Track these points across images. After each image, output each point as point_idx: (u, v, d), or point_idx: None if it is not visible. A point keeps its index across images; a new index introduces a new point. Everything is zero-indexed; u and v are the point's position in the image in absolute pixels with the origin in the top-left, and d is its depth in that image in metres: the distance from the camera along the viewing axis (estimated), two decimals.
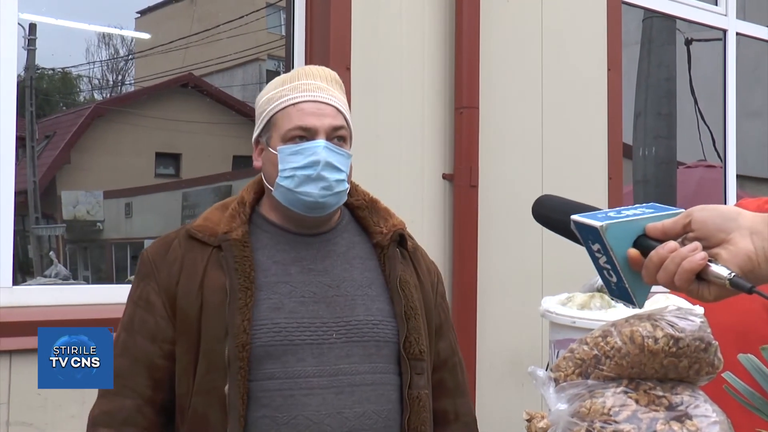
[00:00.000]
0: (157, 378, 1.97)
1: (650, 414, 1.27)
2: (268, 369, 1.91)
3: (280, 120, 2.01)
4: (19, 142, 3.11)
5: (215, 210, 2.07)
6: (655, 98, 7.42)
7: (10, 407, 3.02)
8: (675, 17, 6.15)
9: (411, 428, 1.99)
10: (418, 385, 2.02)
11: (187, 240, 2.02)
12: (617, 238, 1.25)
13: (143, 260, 2.05)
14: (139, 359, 1.97)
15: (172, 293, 1.97)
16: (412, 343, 2.02)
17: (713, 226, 1.23)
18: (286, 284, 1.98)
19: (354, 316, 1.99)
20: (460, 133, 4.16)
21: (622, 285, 1.27)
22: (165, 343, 1.97)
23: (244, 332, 1.88)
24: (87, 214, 13.78)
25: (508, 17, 4.44)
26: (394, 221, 2.15)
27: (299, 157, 1.97)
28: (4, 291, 3.19)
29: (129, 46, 15.72)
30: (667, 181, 7.48)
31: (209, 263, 1.97)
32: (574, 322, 1.94)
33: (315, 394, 1.91)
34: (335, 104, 2.04)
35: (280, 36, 12.75)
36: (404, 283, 2.06)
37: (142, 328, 1.98)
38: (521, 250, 4.39)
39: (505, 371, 4.32)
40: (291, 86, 2.03)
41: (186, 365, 1.94)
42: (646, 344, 1.30)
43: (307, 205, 1.98)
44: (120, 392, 1.95)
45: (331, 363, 1.94)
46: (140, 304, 2.00)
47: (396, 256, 2.10)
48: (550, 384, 1.35)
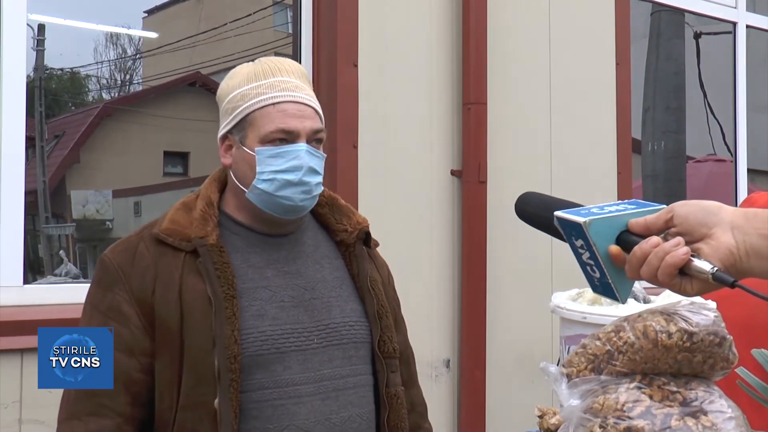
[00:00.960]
0: (135, 393, 1.86)
1: (664, 409, 1.26)
2: (257, 379, 1.85)
3: (259, 120, 1.92)
4: (29, 142, 3.11)
5: (179, 211, 1.96)
6: (663, 92, 7.39)
7: (22, 405, 3.02)
8: (684, 10, 6.12)
9: (391, 426, 1.99)
10: (395, 383, 2.02)
11: (155, 245, 1.91)
12: (600, 234, 1.26)
13: (106, 267, 1.92)
14: (117, 375, 1.82)
15: (148, 303, 1.86)
16: (386, 342, 2.01)
17: (695, 221, 1.24)
18: (265, 289, 1.92)
19: (331, 319, 1.96)
20: (468, 129, 4.15)
21: (606, 281, 1.28)
22: (143, 356, 1.86)
23: (235, 343, 1.81)
24: (96, 213, 13.82)
25: (515, 12, 4.43)
26: (358, 218, 2.12)
27: (280, 160, 1.90)
28: (15, 290, 3.19)
29: (137, 46, 15.74)
30: (677, 175, 7.46)
31: (185, 270, 1.87)
32: (584, 318, 1.94)
33: (303, 402, 1.87)
34: (314, 105, 1.98)
35: (287, 34, 12.76)
36: (373, 282, 2.05)
37: (117, 341, 1.83)
38: (530, 245, 4.37)
39: (515, 367, 4.31)
40: (267, 83, 1.94)
41: (169, 379, 1.85)
42: (660, 339, 1.29)
43: (286, 208, 1.93)
44: (96, 412, 1.84)
45: (315, 369, 1.90)
46: (111, 315, 1.87)
47: (363, 254, 2.07)
48: (563, 380, 1.35)
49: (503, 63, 4.34)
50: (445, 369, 4.11)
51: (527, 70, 4.48)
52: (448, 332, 4.14)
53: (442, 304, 4.13)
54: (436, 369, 4.06)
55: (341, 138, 3.82)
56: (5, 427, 3.02)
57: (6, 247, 3.19)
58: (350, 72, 3.87)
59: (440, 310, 4.12)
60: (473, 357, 4.11)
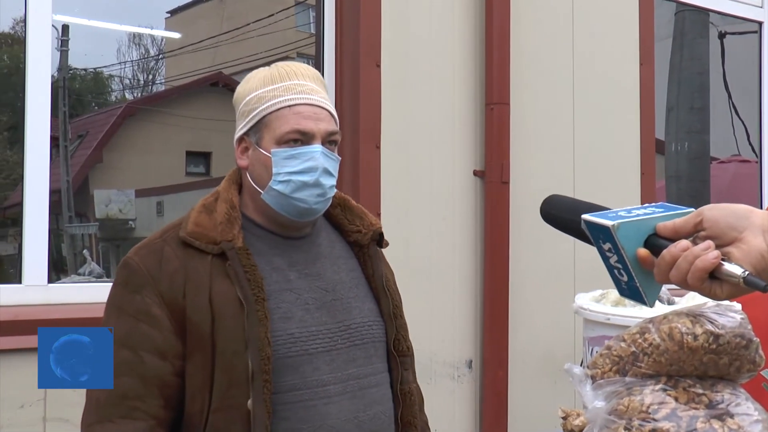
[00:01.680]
0: (167, 396, 1.86)
1: (690, 412, 1.26)
2: (288, 381, 1.87)
3: (275, 121, 1.94)
4: (53, 142, 3.14)
5: (201, 214, 1.97)
6: (687, 93, 7.34)
7: (47, 403, 3.05)
8: (708, 10, 6.08)
9: (404, 422, 2.04)
10: (408, 380, 2.06)
11: (181, 248, 1.92)
12: (628, 237, 1.25)
13: (133, 269, 1.92)
14: (149, 378, 1.85)
15: (180, 306, 1.87)
16: (400, 341, 2.05)
17: (725, 225, 1.23)
18: (290, 292, 1.94)
19: (352, 320, 1.99)
20: (491, 130, 4.15)
21: (633, 284, 1.27)
22: (175, 358, 1.87)
23: (268, 345, 1.82)
24: (119, 212, 13.88)
25: (538, 12, 4.42)
26: (371, 219, 2.14)
27: (295, 162, 1.92)
28: (40, 289, 3.22)
29: (159, 46, 15.80)
30: (700, 176, 7.41)
31: (213, 273, 1.88)
32: (608, 319, 1.93)
33: (333, 402, 1.90)
34: (329, 108, 1.99)
35: (309, 34, 12.76)
36: (388, 282, 2.09)
37: (148, 344, 1.85)
38: (553, 246, 4.36)
39: (537, 368, 4.30)
40: (283, 86, 1.96)
41: (202, 382, 1.86)
42: (686, 341, 1.28)
43: (300, 211, 1.95)
44: (129, 414, 1.84)
45: (341, 369, 1.93)
46: (140, 317, 1.87)
47: (377, 255, 2.11)
48: (587, 381, 1.34)
49: (526, 63, 4.33)
50: (468, 370, 4.10)
51: (550, 70, 4.47)
52: (471, 333, 4.13)
53: (464, 304, 4.12)
54: (458, 370, 4.06)
55: (364, 138, 3.82)
56: (30, 425, 3.04)
57: (31, 247, 3.21)
58: (373, 72, 3.87)
59: (463, 310, 4.11)
60: (495, 358, 4.11)
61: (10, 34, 12.74)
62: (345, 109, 3.89)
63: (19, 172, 8.75)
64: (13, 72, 11.63)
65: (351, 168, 3.83)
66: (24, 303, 3.17)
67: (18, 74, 10.50)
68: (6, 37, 13.02)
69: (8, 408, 3.01)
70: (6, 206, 11.81)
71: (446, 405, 4.03)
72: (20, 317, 3.10)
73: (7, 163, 11.99)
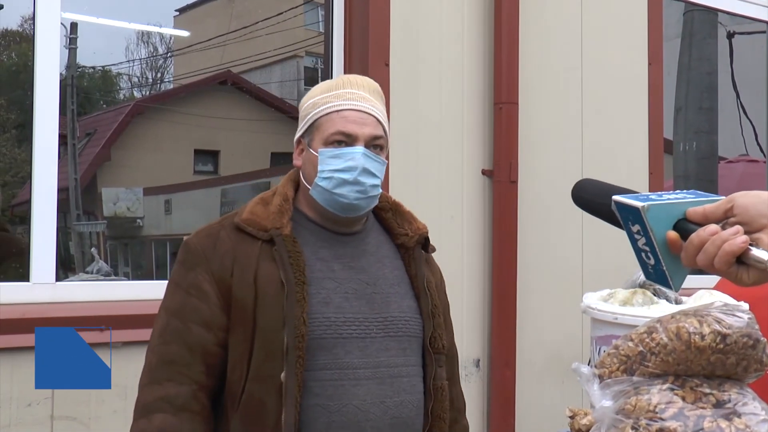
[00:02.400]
0: (210, 364, 2.05)
1: (697, 411, 1.26)
2: (320, 360, 2.02)
3: (324, 124, 2.13)
4: (61, 140, 3.15)
5: (257, 205, 2.15)
6: (696, 92, 7.33)
7: (54, 402, 3.05)
8: (717, 10, 6.07)
9: (434, 415, 2.16)
10: (441, 377, 2.19)
11: (235, 233, 2.10)
12: (658, 220, 1.26)
13: (191, 249, 2.12)
14: (194, 346, 2.04)
15: (227, 284, 2.06)
16: (436, 339, 2.19)
17: (755, 212, 1.23)
18: (331, 280, 2.10)
19: (389, 313, 2.14)
20: (500, 129, 4.15)
21: (660, 268, 1.28)
22: (220, 331, 2.05)
23: (303, 324, 1.99)
24: (127, 210, 13.89)
25: (547, 11, 4.41)
26: (418, 225, 2.31)
27: (338, 161, 2.09)
28: (47, 287, 3.23)
29: (168, 44, 15.81)
30: (709, 176, 7.40)
31: (261, 256, 2.06)
32: (616, 319, 1.92)
33: (361, 384, 2.05)
34: (376, 115, 2.15)
35: (318, 33, 12.76)
36: (429, 283, 2.24)
37: (196, 316, 2.05)
38: (561, 245, 4.36)
39: (544, 367, 4.30)
40: (336, 93, 2.15)
41: (241, 353, 2.03)
42: (693, 341, 1.28)
43: (342, 206, 2.11)
44: (174, 378, 2.02)
45: (373, 356, 2.08)
46: (192, 292, 2.07)
47: (421, 257, 2.27)
48: (595, 380, 1.34)
49: (535, 63, 4.32)
50: (475, 369, 4.10)
51: (559, 69, 4.47)
52: (479, 332, 4.13)
53: (472, 303, 4.12)
54: (466, 369, 4.06)
55: None
56: (37, 424, 3.05)
57: (39, 245, 3.22)
58: (382, 71, 3.87)
59: (470, 309, 4.12)
60: (503, 357, 4.11)
61: (19, 32, 12.76)
62: None
63: (27, 170, 8.77)
64: (22, 70, 11.66)
65: None
66: (32, 301, 3.18)
67: (26, 72, 10.52)
68: (14, 35, 13.05)
69: (16, 406, 3.02)
70: (14, 204, 11.84)
71: None
72: (28, 315, 3.11)
73: (15, 161, 12.02)
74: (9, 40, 13.23)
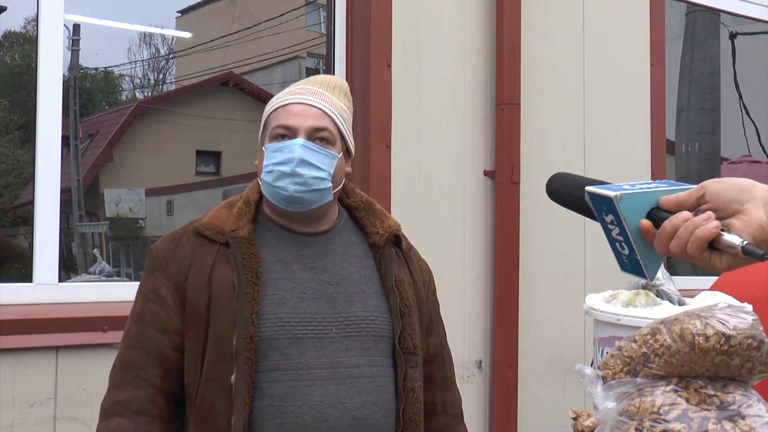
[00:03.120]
0: (167, 368, 2.05)
1: (701, 413, 1.25)
2: (273, 361, 2.00)
3: (270, 120, 2.13)
4: (63, 141, 3.16)
5: (221, 209, 2.16)
6: (698, 93, 7.32)
7: (57, 402, 3.06)
8: (719, 10, 6.06)
9: (405, 418, 2.10)
10: (412, 378, 2.13)
11: (195, 237, 2.11)
12: (630, 209, 1.27)
13: (153, 255, 2.14)
14: (151, 350, 2.05)
15: (182, 287, 2.06)
16: (406, 338, 2.13)
17: (727, 197, 1.24)
18: (289, 281, 2.07)
19: (352, 312, 2.09)
20: (502, 130, 4.14)
21: (634, 257, 1.29)
22: (175, 334, 2.06)
23: (252, 324, 1.97)
24: (129, 211, 13.90)
25: (549, 12, 4.41)
26: (390, 222, 2.25)
27: (278, 154, 2.07)
28: (50, 288, 3.23)
29: (170, 45, 15.82)
30: (711, 176, 7.32)
31: (217, 259, 2.06)
32: (618, 320, 1.92)
33: (317, 385, 2.01)
34: (322, 107, 2.12)
35: (320, 34, 12.77)
36: (399, 281, 2.17)
37: (154, 320, 2.07)
38: (563, 246, 4.36)
39: (547, 368, 4.30)
40: (289, 90, 2.16)
41: (195, 355, 2.03)
42: (697, 342, 1.28)
43: (284, 198, 2.08)
44: (132, 382, 2.04)
45: (331, 356, 2.04)
46: (151, 297, 2.09)
47: (392, 255, 2.20)
48: (598, 382, 1.34)
49: (537, 63, 4.32)
50: (477, 370, 4.10)
51: (561, 70, 4.46)
52: (480, 333, 4.13)
53: (474, 304, 4.12)
54: (468, 370, 4.06)
55: (374, 138, 3.83)
56: (40, 424, 3.05)
57: (42, 246, 3.22)
58: (384, 72, 3.87)
59: (472, 310, 4.11)
60: (505, 358, 4.10)
61: (22, 34, 12.78)
62: (356, 109, 3.87)
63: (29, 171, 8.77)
64: (24, 71, 11.67)
65: (361, 168, 3.84)
66: (35, 302, 3.18)
67: (29, 73, 10.53)
68: (17, 36, 13.06)
69: (19, 406, 3.02)
70: (17, 205, 11.85)
71: None
72: (31, 316, 3.11)
73: (17, 161, 12.03)
74: (12, 42, 13.24)
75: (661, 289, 2.05)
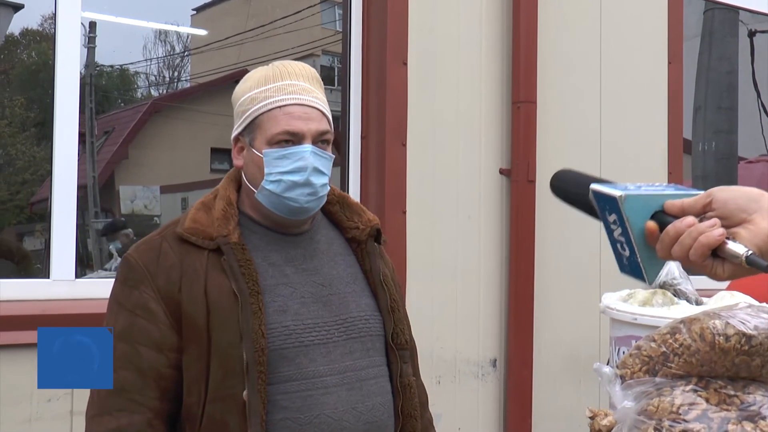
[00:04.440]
0: (164, 388, 1.92)
1: (721, 413, 1.25)
2: (284, 372, 1.92)
3: (266, 122, 1.99)
4: (79, 138, 3.17)
5: (199, 211, 2.03)
6: (715, 92, 7.29)
7: (74, 397, 3.07)
8: (738, 8, 6.03)
9: (405, 414, 2.08)
10: (407, 373, 2.11)
11: (179, 243, 1.97)
12: (634, 210, 1.25)
13: (132, 266, 1.97)
14: (146, 370, 1.90)
15: (175, 300, 1.92)
16: (398, 334, 2.10)
17: (734, 206, 1.22)
18: (286, 286, 1.99)
19: (349, 313, 2.04)
20: (518, 128, 4.13)
21: (635, 259, 1.27)
22: (171, 351, 1.92)
23: (262, 336, 1.88)
24: (144, 208, 13.93)
25: (566, 10, 4.40)
26: (369, 216, 2.19)
27: (286, 162, 1.97)
28: (67, 284, 3.24)
29: (185, 43, 15.86)
30: (728, 176, 7.35)
31: (209, 267, 1.94)
32: (635, 319, 1.91)
33: (331, 392, 1.95)
34: (321, 108, 2.02)
35: (335, 31, 12.77)
36: (385, 277, 2.13)
37: (145, 338, 1.91)
38: (579, 245, 4.35)
39: (562, 367, 4.29)
40: (275, 86, 2.01)
41: (197, 373, 1.91)
42: (717, 342, 1.27)
43: (292, 209, 2.00)
44: (126, 407, 1.89)
45: (337, 361, 1.98)
46: (138, 312, 1.93)
47: (374, 251, 2.15)
48: (616, 381, 1.33)
49: (553, 62, 4.31)
50: (492, 369, 4.09)
51: (578, 68, 4.45)
52: (496, 332, 4.12)
53: (489, 303, 4.11)
54: (482, 369, 4.05)
55: (390, 136, 3.82)
56: (57, 419, 3.06)
57: (59, 242, 3.24)
58: (400, 70, 3.87)
59: (487, 309, 4.11)
60: (520, 357, 4.10)
61: (39, 31, 12.82)
62: (371, 107, 3.89)
63: (46, 168, 8.80)
64: (41, 69, 11.71)
65: (377, 166, 3.84)
66: (52, 298, 3.19)
67: (46, 71, 10.57)
68: (34, 34, 13.10)
69: (36, 402, 3.04)
70: (33, 202, 11.89)
71: (470, 404, 4.02)
72: (48, 312, 3.13)
73: (34, 159, 12.07)
74: (29, 40, 13.29)
75: (679, 288, 2.04)
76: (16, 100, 12.04)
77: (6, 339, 3.01)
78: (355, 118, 3.93)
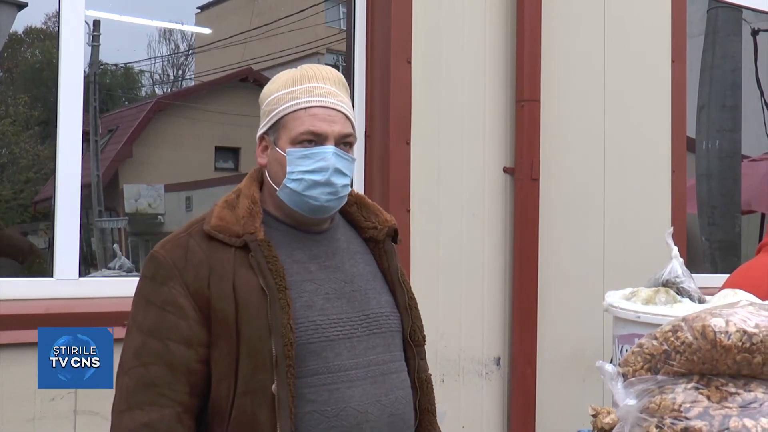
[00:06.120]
0: (193, 383, 1.95)
1: (722, 411, 1.25)
2: (311, 366, 1.96)
3: (291, 122, 2.04)
4: (84, 137, 3.18)
5: (224, 209, 2.06)
6: (719, 90, 7.27)
7: (77, 396, 3.07)
8: (741, 7, 6.02)
9: (422, 409, 2.14)
10: (424, 369, 2.17)
11: (206, 241, 2.01)
12: None
13: (160, 263, 2.00)
14: (177, 366, 1.93)
15: (204, 296, 1.96)
16: (416, 331, 2.16)
17: None
18: (311, 282, 2.03)
19: (370, 309, 2.09)
20: (522, 126, 4.13)
21: None
22: (200, 347, 1.95)
23: (290, 331, 1.92)
24: (148, 207, 13.95)
25: (570, 8, 4.39)
26: (386, 216, 2.23)
27: (308, 161, 2.02)
28: (71, 283, 3.25)
29: (189, 41, 15.86)
30: (731, 174, 7.33)
31: (236, 264, 1.97)
32: (638, 317, 1.92)
33: (356, 386, 1.99)
34: (345, 111, 2.07)
35: (339, 30, 12.77)
36: (403, 275, 2.19)
37: (175, 334, 1.94)
38: (583, 243, 4.35)
39: (566, 365, 4.29)
40: (302, 88, 2.06)
41: (227, 367, 1.94)
42: (719, 340, 1.27)
43: (313, 208, 2.05)
44: (156, 401, 1.92)
45: (362, 355, 2.02)
46: (168, 308, 1.96)
47: (392, 250, 2.21)
48: (619, 379, 1.34)
49: (557, 60, 4.31)
50: (496, 367, 4.09)
51: (582, 67, 4.45)
52: (499, 330, 4.12)
53: (493, 301, 4.11)
54: (486, 367, 4.05)
55: (394, 134, 3.83)
56: (61, 418, 3.07)
57: (62, 241, 3.24)
58: (404, 68, 3.87)
59: (491, 307, 4.11)
60: (524, 355, 4.10)
61: (43, 30, 12.84)
62: (375, 105, 3.89)
63: (50, 167, 8.80)
64: (45, 67, 11.73)
65: (381, 164, 3.84)
66: (55, 296, 3.20)
67: (50, 69, 10.57)
68: (38, 32, 13.13)
69: (40, 401, 3.04)
70: (37, 200, 11.91)
71: (474, 402, 4.03)
72: (52, 311, 3.13)
73: (38, 157, 12.09)
74: (33, 38, 13.31)
75: (681, 286, 2.05)
76: (19, 98, 12.06)
77: (10, 338, 3.01)
78: (360, 116, 3.93)
